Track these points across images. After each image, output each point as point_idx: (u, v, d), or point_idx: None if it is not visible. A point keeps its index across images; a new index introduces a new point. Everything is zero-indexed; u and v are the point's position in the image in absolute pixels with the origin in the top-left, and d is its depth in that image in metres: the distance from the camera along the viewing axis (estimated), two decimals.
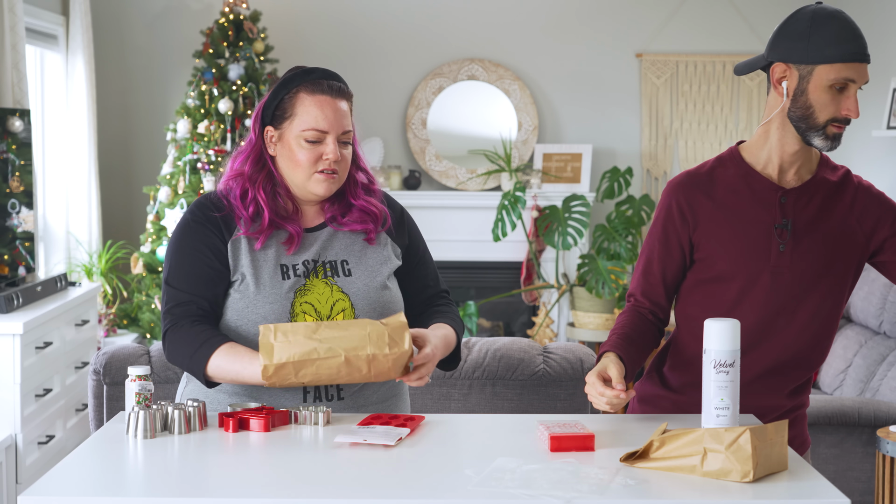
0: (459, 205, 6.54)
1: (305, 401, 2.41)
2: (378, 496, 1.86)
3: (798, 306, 2.42)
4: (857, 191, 2.45)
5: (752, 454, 1.93)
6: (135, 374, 2.30)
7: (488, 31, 6.70)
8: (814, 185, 2.42)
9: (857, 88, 2.31)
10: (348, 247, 2.47)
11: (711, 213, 2.42)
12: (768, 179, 2.41)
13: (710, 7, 6.67)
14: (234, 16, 6.05)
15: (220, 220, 2.44)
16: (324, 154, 2.40)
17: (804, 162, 2.43)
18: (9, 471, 4.21)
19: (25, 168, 4.80)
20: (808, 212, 2.40)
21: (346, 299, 2.42)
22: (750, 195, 2.41)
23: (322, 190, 2.43)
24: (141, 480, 2.01)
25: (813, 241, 2.39)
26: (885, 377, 4.49)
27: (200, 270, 2.41)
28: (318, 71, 2.45)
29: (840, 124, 2.34)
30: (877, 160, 5.87)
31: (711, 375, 2.20)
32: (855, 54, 2.30)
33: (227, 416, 2.26)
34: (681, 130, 6.70)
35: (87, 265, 5.94)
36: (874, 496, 3.73)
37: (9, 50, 4.83)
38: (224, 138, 5.88)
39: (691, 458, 1.97)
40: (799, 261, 2.39)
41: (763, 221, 2.40)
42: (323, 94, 2.41)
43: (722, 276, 2.43)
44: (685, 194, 2.44)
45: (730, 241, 2.41)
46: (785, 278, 2.39)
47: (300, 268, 2.42)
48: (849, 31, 2.30)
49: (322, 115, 2.40)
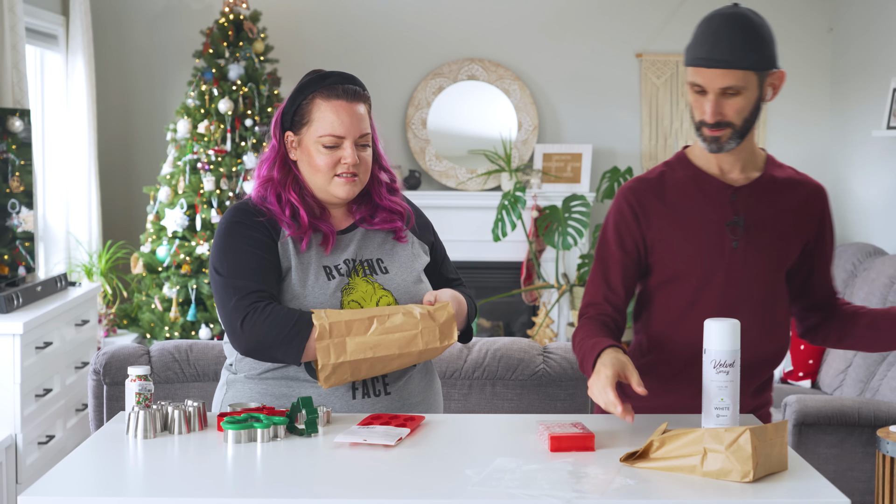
0: (459, 205, 6.54)
1: (354, 398, 2.43)
2: (378, 496, 1.86)
3: (755, 303, 2.42)
4: (807, 190, 2.47)
5: (752, 454, 1.93)
6: (135, 374, 2.30)
7: (488, 31, 6.70)
8: (763, 182, 2.44)
9: (722, 93, 2.30)
10: (380, 246, 2.52)
11: (663, 215, 2.43)
12: (717, 179, 2.43)
13: (710, 7, 6.64)
14: (234, 16, 6.05)
15: (267, 223, 2.44)
16: (342, 158, 2.42)
17: (746, 161, 2.44)
18: (9, 471, 4.21)
19: (25, 168, 4.80)
20: (759, 209, 2.42)
21: (390, 295, 2.46)
22: (700, 195, 2.42)
23: (343, 193, 2.45)
24: (141, 480, 2.01)
25: (764, 237, 2.41)
26: (885, 377, 4.49)
27: (260, 262, 2.37)
28: (335, 75, 2.46)
29: (710, 128, 2.34)
30: (877, 160, 5.87)
31: (711, 375, 2.20)
32: (701, 59, 2.30)
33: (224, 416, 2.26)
34: (681, 130, 6.70)
35: (87, 265, 5.94)
36: (874, 496, 3.73)
37: (9, 50, 4.83)
38: (224, 138, 5.88)
39: (691, 458, 1.97)
40: (752, 257, 2.40)
41: (715, 220, 2.40)
42: (338, 98, 2.43)
43: (677, 277, 2.43)
44: (636, 197, 2.45)
45: (683, 241, 2.42)
46: (739, 275, 2.40)
47: (342, 267, 2.45)
48: (709, 35, 2.30)
49: (338, 120, 2.42)
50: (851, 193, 6.25)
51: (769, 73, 2.34)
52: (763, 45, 2.31)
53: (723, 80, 2.29)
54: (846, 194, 6.33)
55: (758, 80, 2.32)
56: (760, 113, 2.38)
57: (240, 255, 2.38)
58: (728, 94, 2.31)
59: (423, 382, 2.55)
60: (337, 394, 2.42)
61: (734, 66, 2.28)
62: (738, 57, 2.28)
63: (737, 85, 2.30)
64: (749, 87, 2.31)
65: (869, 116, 5.95)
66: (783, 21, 6.57)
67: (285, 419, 2.20)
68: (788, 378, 5.05)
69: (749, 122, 2.36)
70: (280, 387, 2.43)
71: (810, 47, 6.63)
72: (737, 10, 2.33)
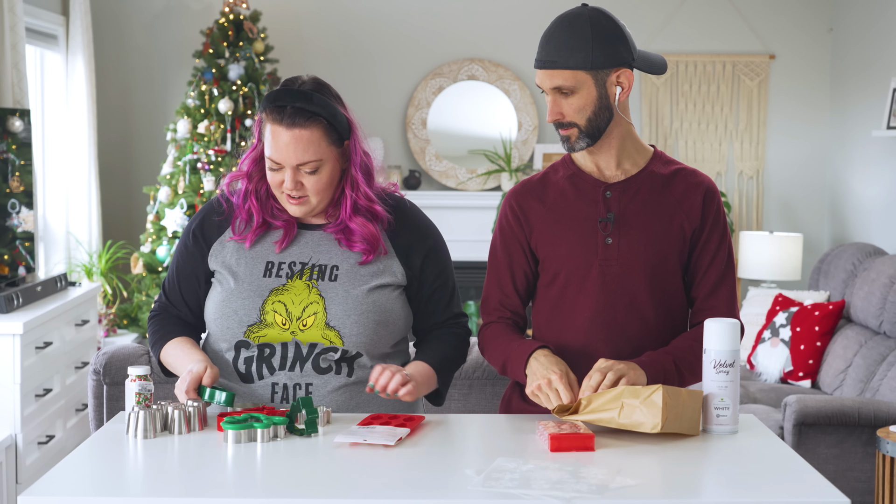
0: (459, 205, 6.55)
1: (272, 401, 2.41)
2: (378, 496, 1.86)
3: (634, 299, 2.40)
4: (689, 184, 2.43)
5: (662, 408, 2.12)
6: (135, 374, 2.30)
7: (488, 31, 6.70)
8: (640, 178, 2.42)
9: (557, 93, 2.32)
10: (344, 253, 2.45)
11: (543, 216, 2.44)
12: (592, 177, 2.43)
13: (710, 7, 6.67)
14: (234, 16, 6.05)
15: (215, 224, 2.50)
16: (281, 181, 2.40)
17: (623, 158, 2.43)
18: (9, 471, 4.21)
19: (25, 168, 4.80)
20: (634, 204, 2.41)
21: (321, 303, 2.40)
22: (576, 194, 2.43)
23: (293, 212, 2.44)
24: (141, 480, 2.01)
25: (639, 231, 2.39)
26: (885, 377, 4.49)
27: (177, 272, 2.55)
28: (287, 95, 2.36)
29: (557, 128, 2.37)
30: (877, 160, 5.87)
31: (711, 375, 2.20)
32: (536, 61, 2.35)
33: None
34: (681, 130, 6.70)
35: (87, 265, 5.94)
36: (874, 496, 3.73)
37: (9, 50, 4.84)
38: (224, 138, 5.88)
39: (611, 412, 2.17)
40: (626, 252, 2.39)
41: (589, 217, 2.41)
42: (279, 124, 2.34)
43: (557, 275, 2.44)
44: (517, 200, 2.47)
45: (559, 239, 2.43)
46: (614, 270, 2.39)
47: (285, 269, 2.43)
48: (544, 36, 2.35)
49: (275, 146, 2.36)
50: (851, 193, 6.26)
51: (610, 72, 2.33)
52: (594, 44, 2.30)
53: (551, 80, 2.32)
54: (846, 194, 6.34)
55: (593, 79, 2.32)
56: (614, 112, 2.35)
57: (173, 262, 2.57)
58: (563, 94, 2.33)
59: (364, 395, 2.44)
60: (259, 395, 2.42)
61: (559, 66, 2.31)
62: (564, 57, 2.31)
63: (566, 85, 2.31)
64: (582, 86, 2.32)
65: (869, 116, 5.95)
66: (783, 21, 6.57)
67: (285, 419, 2.20)
68: (788, 378, 5.05)
69: (595, 122, 2.35)
70: (224, 379, 2.46)
71: (810, 47, 6.63)
72: (578, 10, 2.34)
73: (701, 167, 6.66)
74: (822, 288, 5.48)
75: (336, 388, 2.41)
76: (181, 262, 2.53)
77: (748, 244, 6.16)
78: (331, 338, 2.39)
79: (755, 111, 6.67)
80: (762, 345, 5.20)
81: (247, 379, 2.43)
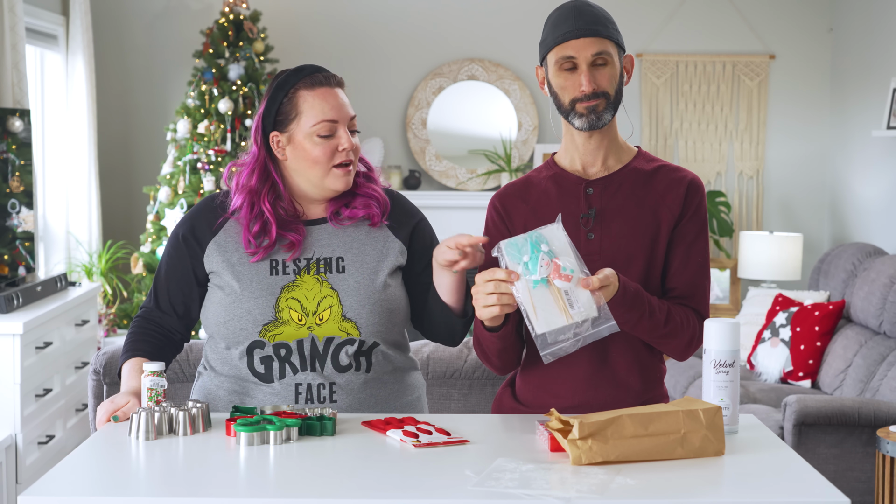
0: (459, 205, 6.55)
1: (297, 402, 2.42)
2: (378, 496, 1.86)
3: None
4: (672, 179, 2.44)
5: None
6: (149, 369, 2.28)
7: (488, 31, 6.70)
8: (622, 174, 2.44)
9: (592, 62, 2.34)
10: (345, 243, 2.46)
11: (526, 216, 2.46)
12: (575, 175, 2.45)
13: (709, 7, 6.67)
14: (234, 16, 6.05)
15: (208, 225, 2.48)
16: (339, 146, 2.41)
17: (610, 154, 2.44)
18: (9, 471, 4.21)
19: (25, 168, 4.80)
20: (616, 200, 2.42)
21: (335, 296, 2.42)
22: (559, 192, 2.45)
23: (341, 185, 2.44)
24: (141, 481, 2.01)
25: (621, 226, 2.41)
26: (885, 377, 4.49)
27: (167, 277, 2.53)
28: (308, 67, 2.47)
29: (586, 100, 2.37)
30: (877, 160, 5.87)
31: (711, 375, 2.20)
32: (569, 33, 2.35)
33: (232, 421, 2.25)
34: (681, 130, 6.70)
35: (87, 265, 5.94)
36: (874, 496, 3.73)
37: (9, 50, 4.84)
38: (224, 138, 5.89)
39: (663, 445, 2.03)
40: (609, 246, 2.40)
41: (572, 214, 2.42)
42: (322, 86, 2.43)
43: None
44: (501, 202, 2.50)
45: None
46: (597, 265, 2.39)
47: (291, 266, 2.43)
48: (565, 14, 2.38)
49: (328, 105, 2.41)
50: (851, 193, 6.26)
51: (624, 55, 2.42)
52: (615, 24, 2.39)
53: (593, 47, 2.34)
54: (846, 194, 6.34)
55: (617, 57, 2.38)
56: (622, 98, 2.42)
57: (162, 266, 2.54)
58: (598, 65, 2.35)
59: (384, 390, 2.48)
60: (283, 395, 2.42)
61: (601, 34, 2.35)
62: (603, 27, 2.36)
63: (606, 52, 2.35)
64: (613, 60, 2.37)
65: (869, 116, 5.95)
66: (783, 21, 6.57)
67: (298, 421, 2.18)
68: (788, 378, 5.05)
69: (619, 97, 2.40)
70: (233, 383, 2.46)
71: (810, 47, 6.63)
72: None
73: (701, 167, 6.67)
74: (822, 288, 5.48)
75: (359, 387, 2.43)
76: (172, 266, 2.51)
77: (748, 244, 6.16)
78: (348, 329, 2.41)
79: (755, 111, 6.67)
80: (762, 345, 5.20)
81: (266, 379, 2.42)
